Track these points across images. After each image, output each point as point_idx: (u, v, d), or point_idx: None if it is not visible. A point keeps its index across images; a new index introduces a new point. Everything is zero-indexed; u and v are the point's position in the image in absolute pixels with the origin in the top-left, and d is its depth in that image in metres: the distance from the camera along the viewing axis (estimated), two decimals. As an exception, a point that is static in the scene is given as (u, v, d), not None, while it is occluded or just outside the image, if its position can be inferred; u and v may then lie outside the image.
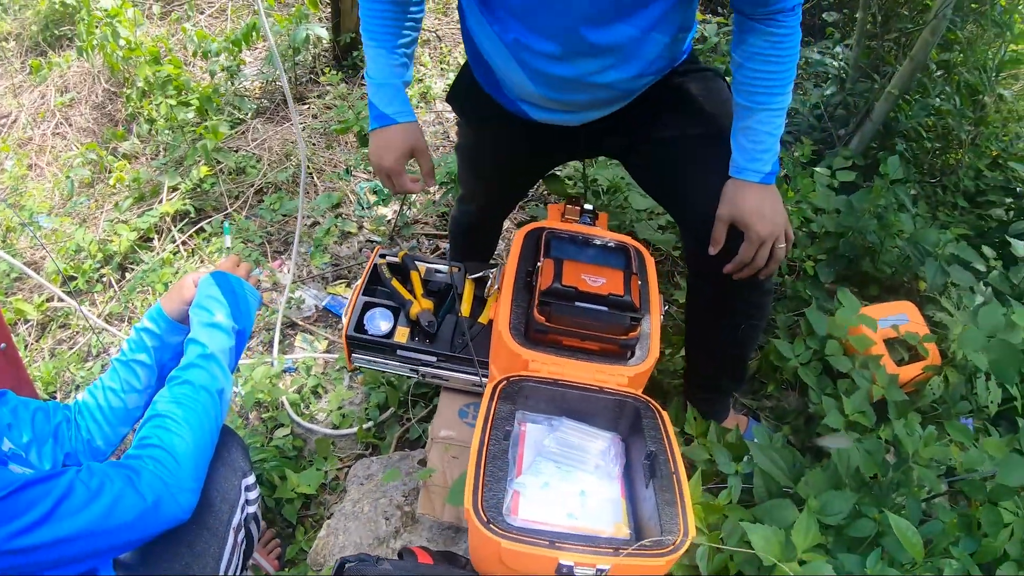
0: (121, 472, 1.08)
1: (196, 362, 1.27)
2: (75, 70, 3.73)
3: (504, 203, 1.99)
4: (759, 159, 1.37)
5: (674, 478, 1.09)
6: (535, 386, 1.20)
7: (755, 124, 1.37)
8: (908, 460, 1.54)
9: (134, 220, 2.74)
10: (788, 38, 1.34)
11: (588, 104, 1.48)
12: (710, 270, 1.50)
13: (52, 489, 1.00)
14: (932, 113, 3.09)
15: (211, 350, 1.29)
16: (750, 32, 1.35)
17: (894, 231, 2.29)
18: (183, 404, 1.20)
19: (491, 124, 1.65)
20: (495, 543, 0.95)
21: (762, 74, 1.35)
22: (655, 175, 1.62)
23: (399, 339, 1.57)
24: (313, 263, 2.56)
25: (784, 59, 1.36)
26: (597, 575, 0.95)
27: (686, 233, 1.61)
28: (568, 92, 1.42)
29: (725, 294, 1.56)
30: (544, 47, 1.32)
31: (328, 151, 3.13)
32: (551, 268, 1.26)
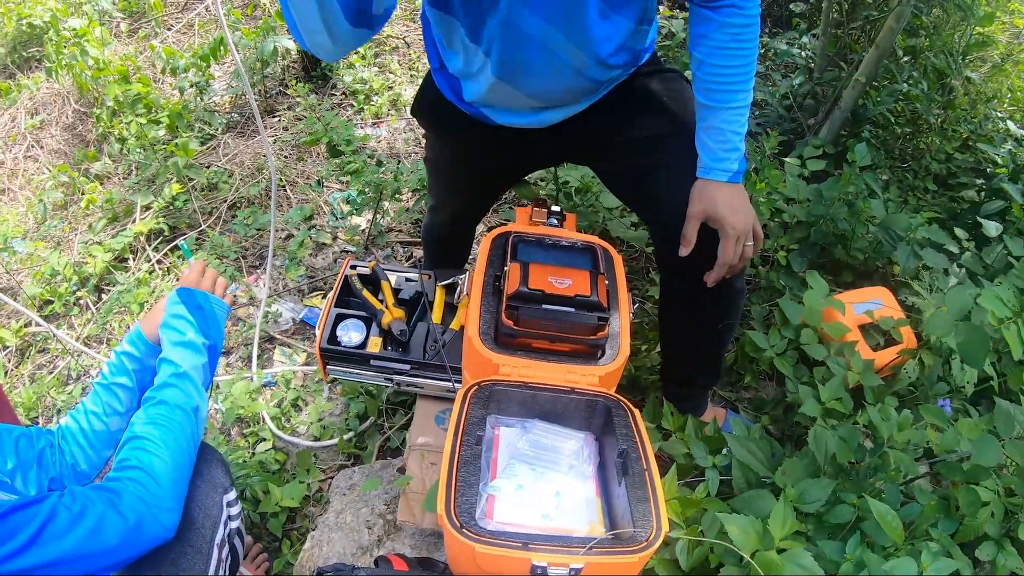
0: (102, 495, 1.09)
1: (169, 381, 1.28)
2: (44, 92, 3.71)
3: (474, 211, 1.98)
4: (725, 158, 1.38)
5: (646, 474, 1.10)
6: (506, 390, 1.21)
7: (719, 123, 1.37)
8: (884, 445, 1.55)
9: (108, 241, 2.73)
10: (748, 29, 1.34)
11: (552, 98, 1.46)
12: (683, 270, 1.51)
13: (36, 514, 1.01)
14: (900, 99, 3.11)
15: (184, 368, 1.29)
16: (709, 25, 1.34)
17: (864, 217, 2.31)
18: (159, 424, 1.21)
19: (457, 134, 1.64)
20: (469, 547, 0.95)
21: (724, 70, 1.35)
22: (624, 178, 1.63)
23: (372, 349, 1.57)
24: (288, 276, 2.56)
25: (745, 52, 1.36)
26: (571, 574, 0.96)
27: (657, 234, 1.60)
28: (530, 76, 1.39)
29: (699, 293, 1.55)
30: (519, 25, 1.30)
31: (300, 163, 3.13)
32: (517, 272, 1.27)
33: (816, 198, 2.31)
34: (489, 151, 1.64)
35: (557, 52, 1.34)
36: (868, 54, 2.81)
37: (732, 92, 1.36)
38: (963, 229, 2.48)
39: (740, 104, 1.37)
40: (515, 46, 1.32)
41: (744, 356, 2.06)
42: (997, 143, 2.98)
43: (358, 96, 3.56)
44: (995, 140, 3.04)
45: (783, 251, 2.32)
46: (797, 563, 1.23)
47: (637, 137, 1.53)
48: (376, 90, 3.58)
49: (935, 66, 3.19)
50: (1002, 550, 1.53)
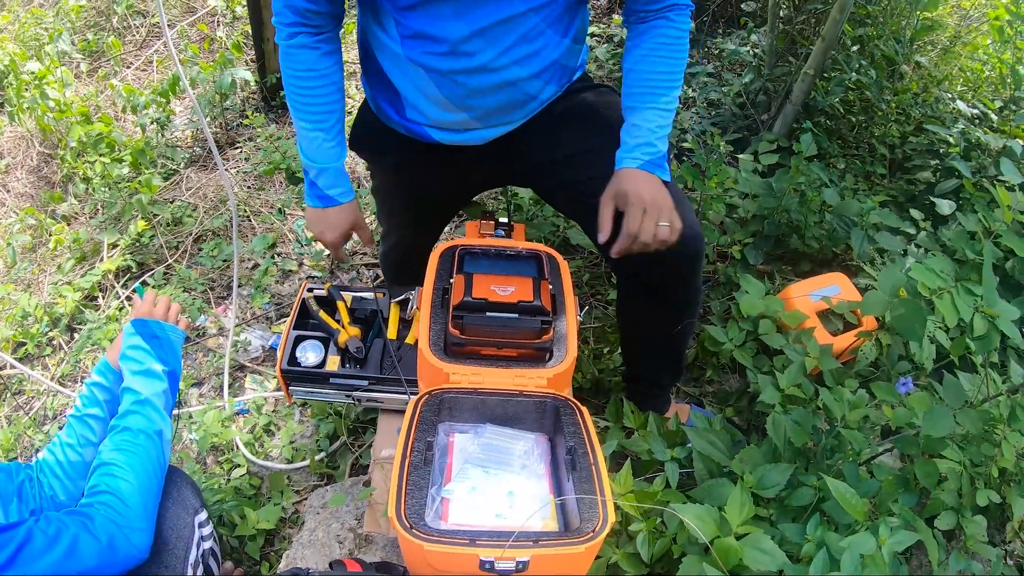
0: (75, 518, 1.14)
1: (132, 408, 1.33)
2: (8, 135, 3.71)
3: (424, 236, 1.99)
4: (637, 147, 1.39)
5: (593, 469, 1.13)
6: (456, 397, 1.24)
7: (639, 121, 1.40)
8: (837, 425, 1.58)
9: (77, 280, 2.74)
10: (680, 40, 1.40)
11: (491, 109, 1.47)
12: (637, 273, 1.54)
13: (12, 538, 1.05)
14: (851, 88, 3.17)
15: (144, 395, 1.34)
16: (643, 35, 1.40)
17: (816, 206, 2.36)
18: (124, 450, 1.26)
19: (398, 158, 1.66)
20: (418, 546, 0.99)
21: (650, 74, 1.40)
22: (565, 193, 1.64)
23: (330, 367, 1.60)
24: (255, 304, 2.58)
25: (672, 58, 1.41)
26: (518, 568, 0.99)
27: (607, 242, 1.62)
28: (470, 93, 1.43)
29: (656, 295, 1.59)
30: (442, 33, 1.34)
31: (261, 192, 3.15)
32: (462, 283, 1.30)
33: (766, 191, 2.35)
34: (430, 174, 1.65)
35: (496, 73, 1.39)
36: (815, 46, 2.87)
37: (655, 95, 1.40)
38: (919, 210, 2.53)
39: (663, 107, 1.40)
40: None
41: (705, 351, 2.10)
42: (949, 124, 3.05)
43: (318, 122, 3.58)
44: (947, 121, 3.10)
45: (737, 246, 2.36)
46: (757, 547, 1.26)
47: (576, 151, 1.55)
48: (336, 116, 3.61)
49: (884, 53, 3.25)
50: (963, 519, 1.57)
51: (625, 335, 1.82)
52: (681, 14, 1.43)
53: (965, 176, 2.58)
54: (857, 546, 1.29)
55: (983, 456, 1.61)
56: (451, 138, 1.53)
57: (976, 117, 3.14)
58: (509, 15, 1.30)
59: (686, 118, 3.24)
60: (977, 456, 1.62)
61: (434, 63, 1.38)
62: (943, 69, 3.72)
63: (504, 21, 1.31)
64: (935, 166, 2.94)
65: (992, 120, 3.14)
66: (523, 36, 1.35)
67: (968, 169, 2.62)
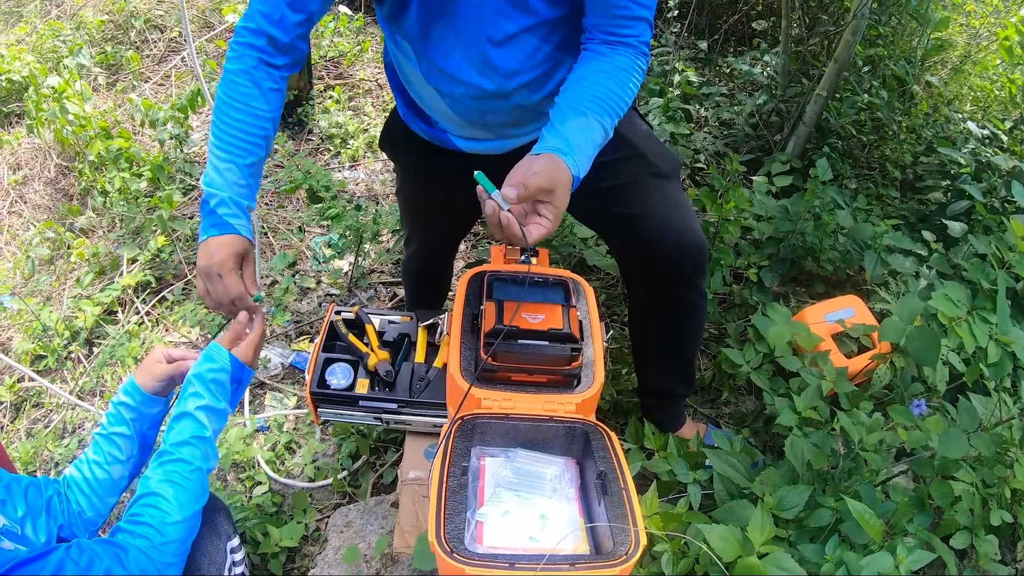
0: (109, 550, 1.14)
1: (191, 441, 1.29)
2: (26, 147, 3.75)
3: (445, 243, 2.05)
4: (580, 154, 1.29)
5: (623, 493, 1.16)
6: (488, 422, 1.27)
7: (586, 129, 1.32)
8: (855, 448, 1.62)
9: (97, 295, 2.77)
10: (639, 76, 1.39)
11: (505, 125, 1.52)
12: (644, 276, 1.61)
13: (43, 567, 1.05)
14: (863, 109, 3.21)
15: (207, 433, 1.32)
16: (608, 56, 1.36)
17: (830, 229, 2.39)
18: (175, 483, 1.24)
19: (422, 163, 1.71)
20: (459, 570, 1.01)
21: (611, 92, 1.34)
22: (583, 201, 1.64)
23: (360, 390, 1.63)
24: (275, 323, 2.61)
25: (630, 90, 1.37)
26: (555, 590, 1.02)
27: (624, 250, 1.69)
28: (483, 115, 1.48)
29: (661, 296, 1.66)
30: (452, 69, 1.39)
31: (280, 210, 3.19)
32: (493, 310, 1.33)
33: (782, 214, 2.39)
34: (451, 178, 1.64)
35: (505, 101, 1.44)
36: (828, 68, 2.91)
37: (606, 113, 1.34)
38: (931, 231, 2.56)
39: (606, 128, 1.35)
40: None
41: (721, 372, 2.13)
42: (959, 144, 3.08)
43: (334, 140, 3.63)
44: (957, 142, 3.14)
45: (753, 268, 2.39)
46: (778, 566, 1.29)
47: (596, 163, 1.55)
48: (352, 133, 3.66)
49: (895, 74, 3.30)
50: (976, 538, 1.60)
51: (636, 345, 1.87)
52: (646, 55, 1.40)
53: (977, 199, 2.61)
54: (875, 565, 1.32)
55: (996, 477, 1.65)
56: (472, 146, 1.58)
57: (986, 138, 3.17)
58: (505, 41, 1.35)
59: (699, 138, 3.28)
60: (990, 477, 1.65)
61: (445, 89, 1.44)
62: (953, 88, 3.76)
63: (502, 48, 1.36)
64: (946, 187, 2.97)
65: (1002, 140, 3.17)
66: (527, 61, 1.39)
67: (979, 191, 2.65)
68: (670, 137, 3.02)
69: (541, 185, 1.20)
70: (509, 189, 1.19)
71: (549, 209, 1.23)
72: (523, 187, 1.19)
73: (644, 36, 1.38)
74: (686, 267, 1.59)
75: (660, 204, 1.57)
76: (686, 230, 1.56)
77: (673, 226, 1.56)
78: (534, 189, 1.20)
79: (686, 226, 1.57)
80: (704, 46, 3.97)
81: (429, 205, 1.89)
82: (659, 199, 1.57)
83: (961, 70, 3.86)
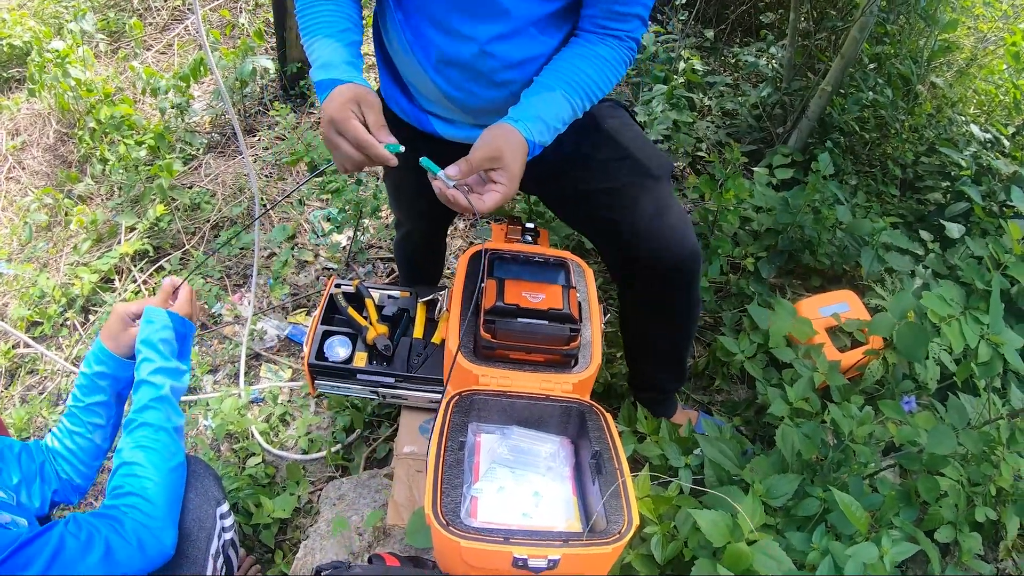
0: (104, 521, 1.16)
1: (151, 404, 1.32)
2: (25, 113, 3.73)
3: (436, 225, 2.02)
4: (537, 123, 1.30)
5: (618, 473, 1.18)
6: (485, 399, 1.28)
7: (550, 102, 1.33)
8: (845, 440, 1.64)
9: (94, 262, 2.77)
10: (621, 69, 1.39)
11: (488, 108, 1.48)
12: (636, 284, 1.59)
13: (45, 544, 1.07)
14: (867, 106, 3.21)
15: (164, 392, 1.34)
16: (595, 44, 1.37)
17: (830, 224, 2.40)
18: (146, 447, 1.27)
19: (407, 148, 1.69)
20: (455, 543, 1.03)
21: (586, 76, 1.35)
22: (573, 203, 1.65)
23: (358, 364, 1.64)
24: (273, 295, 2.62)
25: (608, 80, 1.38)
26: (549, 565, 1.03)
27: (612, 253, 1.65)
28: (466, 85, 1.44)
29: (655, 306, 1.64)
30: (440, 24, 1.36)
31: (281, 182, 3.19)
32: (494, 288, 1.34)
33: (783, 207, 2.40)
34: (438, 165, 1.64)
35: (492, 75, 1.41)
36: (834, 63, 2.91)
37: (577, 94, 1.35)
38: (928, 231, 2.58)
39: (575, 108, 1.36)
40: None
41: (716, 360, 2.14)
42: (961, 147, 3.09)
43: (336, 114, 3.61)
44: (959, 144, 3.15)
45: (751, 258, 2.40)
46: (766, 553, 1.31)
47: (580, 162, 1.56)
48: (355, 107, 3.63)
49: (900, 72, 3.30)
50: (961, 532, 1.63)
51: (628, 343, 1.87)
52: (632, 50, 1.41)
53: (975, 201, 2.62)
54: (861, 555, 1.34)
55: (982, 475, 1.67)
56: (450, 132, 1.56)
57: (988, 141, 3.18)
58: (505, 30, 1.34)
59: (701, 127, 3.28)
60: (976, 475, 1.68)
61: (430, 55, 1.42)
62: (958, 91, 3.77)
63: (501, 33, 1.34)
64: (946, 188, 2.98)
65: (1004, 145, 3.18)
66: (513, 42, 1.37)
67: (979, 194, 2.66)
68: (672, 124, 3.02)
69: (484, 156, 1.23)
70: (451, 168, 1.24)
71: (501, 175, 1.25)
72: (465, 163, 1.23)
73: (635, 32, 1.39)
74: (679, 273, 1.56)
75: (651, 208, 1.53)
76: (678, 236, 1.53)
77: (664, 232, 1.52)
78: (477, 162, 1.23)
79: (678, 231, 1.53)
80: (711, 35, 3.96)
81: (413, 191, 1.83)
82: (649, 202, 1.54)
83: (967, 73, 3.86)
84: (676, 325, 1.73)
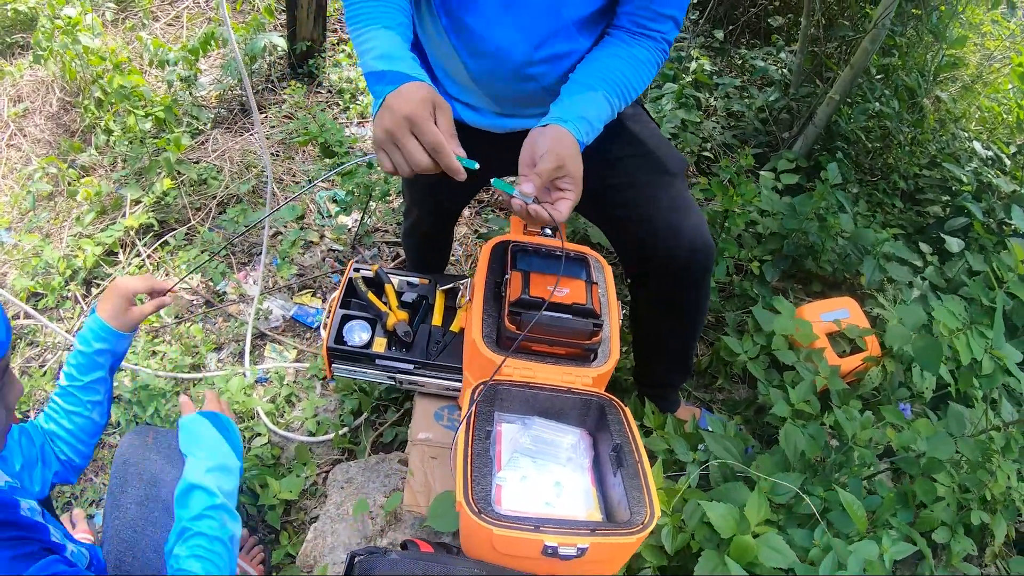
0: None
1: (207, 513, 1.24)
2: (28, 80, 3.69)
3: (444, 214, 2.03)
4: (584, 123, 1.31)
5: (639, 466, 1.21)
6: (509, 389, 1.31)
7: (593, 102, 1.34)
8: (848, 443, 1.69)
9: (98, 235, 2.75)
10: (654, 70, 1.42)
11: (515, 98, 1.50)
12: (649, 281, 1.63)
13: None
14: (872, 116, 3.26)
15: (220, 499, 1.26)
16: (631, 45, 1.39)
17: (834, 232, 2.44)
18: (201, 558, 1.20)
19: None
20: (487, 531, 1.05)
21: (624, 77, 1.37)
22: (587, 198, 1.65)
23: (377, 349, 1.66)
24: (280, 275, 2.62)
25: (643, 80, 1.40)
26: (578, 553, 1.06)
27: (626, 247, 1.69)
28: (499, 73, 1.44)
29: (667, 302, 1.68)
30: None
31: (288, 161, 3.19)
32: (519, 280, 1.37)
33: (789, 212, 2.43)
34: None
35: (528, 69, 1.42)
36: (843, 73, 2.94)
37: (616, 93, 1.36)
38: (927, 244, 2.63)
39: (613, 107, 1.37)
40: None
41: (719, 360, 2.18)
42: (963, 162, 3.15)
43: (344, 95, 3.61)
44: (961, 159, 3.20)
45: (756, 261, 2.44)
46: (770, 546, 1.37)
47: (599, 157, 1.54)
48: (362, 89, 3.63)
49: (907, 85, 3.34)
50: (955, 535, 1.69)
51: (637, 337, 1.90)
52: (665, 52, 1.43)
53: (975, 217, 2.68)
54: (862, 552, 1.40)
55: (977, 481, 1.73)
56: (473, 118, 1.57)
57: (990, 159, 3.24)
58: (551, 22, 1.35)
59: (707, 127, 3.31)
60: (971, 481, 1.74)
61: (465, 40, 1.42)
62: (962, 106, 3.82)
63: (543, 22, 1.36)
64: (946, 202, 3.04)
65: (1005, 164, 3.24)
66: (554, 35, 1.38)
67: (979, 210, 2.71)
68: (680, 124, 3.05)
69: (551, 167, 1.23)
70: (527, 185, 1.23)
71: (567, 182, 1.26)
72: (537, 177, 1.23)
73: (669, 34, 1.40)
74: (694, 268, 1.59)
75: (668, 204, 1.56)
76: (694, 232, 1.56)
77: (682, 228, 1.55)
78: (547, 174, 1.23)
79: (694, 227, 1.56)
80: (720, 36, 3.99)
81: (426, 179, 1.87)
82: (666, 199, 1.57)
83: (971, 89, 3.92)
84: (686, 322, 1.76)
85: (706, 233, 1.58)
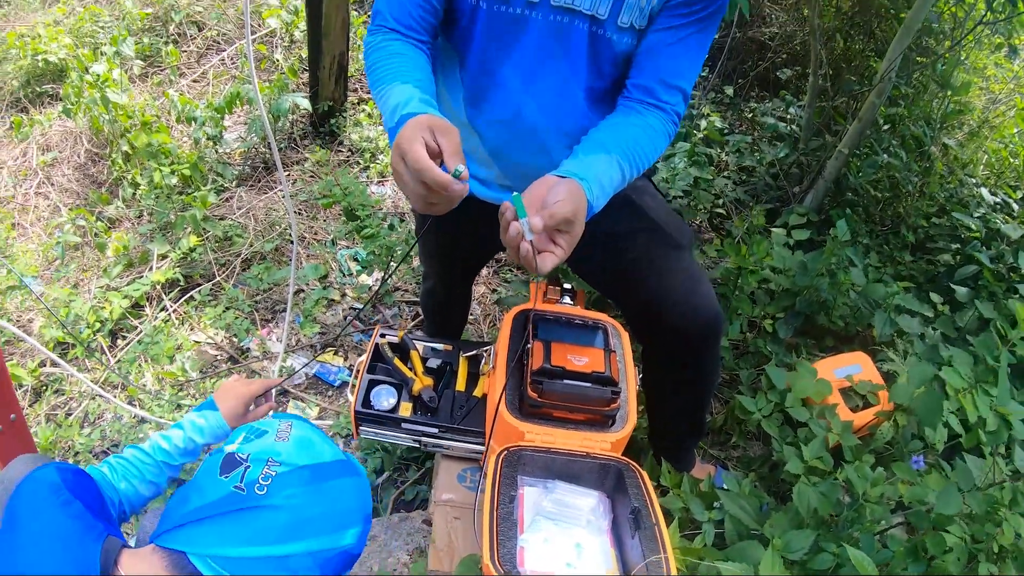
0: None
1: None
2: (57, 129, 3.77)
3: (460, 279, 2.09)
4: (597, 185, 1.26)
5: (656, 529, 1.26)
6: (531, 454, 1.37)
7: (606, 166, 1.31)
8: (859, 499, 1.72)
9: (125, 288, 2.82)
10: (665, 141, 1.44)
11: (521, 171, 1.54)
12: (658, 344, 1.68)
13: None
14: (881, 167, 3.31)
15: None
16: (643, 115, 1.41)
17: (845, 287, 2.49)
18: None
19: None
20: (513, 591, 1.10)
21: (637, 144, 1.37)
22: (598, 269, 1.71)
23: (403, 413, 1.72)
24: (303, 333, 2.69)
25: (655, 151, 1.41)
26: (601, 613, 1.11)
27: (638, 317, 1.72)
28: (513, 150, 1.51)
29: (677, 366, 1.72)
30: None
31: (311, 221, 3.27)
32: (541, 350, 1.43)
33: (801, 269, 2.48)
34: (464, 223, 1.59)
35: (540, 142, 1.48)
36: (851, 126, 3.01)
37: (628, 160, 1.36)
38: (938, 293, 2.66)
39: (625, 174, 1.36)
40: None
41: (733, 418, 2.22)
42: (971, 209, 3.19)
43: (364, 154, 3.72)
44: (969, 206, 3.25)
45: (769, 319, 2.49)
46: (786, 606, 1.40)
47: (610, 231, 1.58)
48: (382, 148, 3.73)
49: (914, 134, 3.40)
50: (966, 586, 1.72)
51: (651, 399, 1.93)
52: (676, 124, 1.45)
53: (985, 266, 2.72)
54: (873, 607, 1.43)
55: (985, 534, 1.76)
56: (484, 193, 1.62)
57: (997, 204, 3.28)
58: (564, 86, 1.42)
59: (719, 183, 3.39)
60: (980, 533, 1.77)
61: (483, 111, 1.48)
62: (968, 152, 3.87)
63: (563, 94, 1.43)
64: (956, 250, 3.07)
65: (1012, 209, 3.28)
66: (571, 109, 1.45)
67: (988, 258, 2.75)
68: (693, 181, 3.12)
69: (565, 216, 1.15)
70: (536, 219, 1.14)
71: (564, 239, 1.18)
72: (550, 217, 1.15)
73: (679, 106, 1.43)
74: (704, 337, 1.63)
75: (678, 278, 1.59)
76: (704, 303, 1.59)
77: (691, 301, 1.57)
78: (559, 220, 1.15)
79: (703, 298, 1.59)
80: (731, 92, 4.08)
81: (442, 245, 1.93)
82: (676, 272, 1.60)
83: (978, 134, 3.98)
84: (699, 384, 1.80)
85: (715, 303, 1.61)
